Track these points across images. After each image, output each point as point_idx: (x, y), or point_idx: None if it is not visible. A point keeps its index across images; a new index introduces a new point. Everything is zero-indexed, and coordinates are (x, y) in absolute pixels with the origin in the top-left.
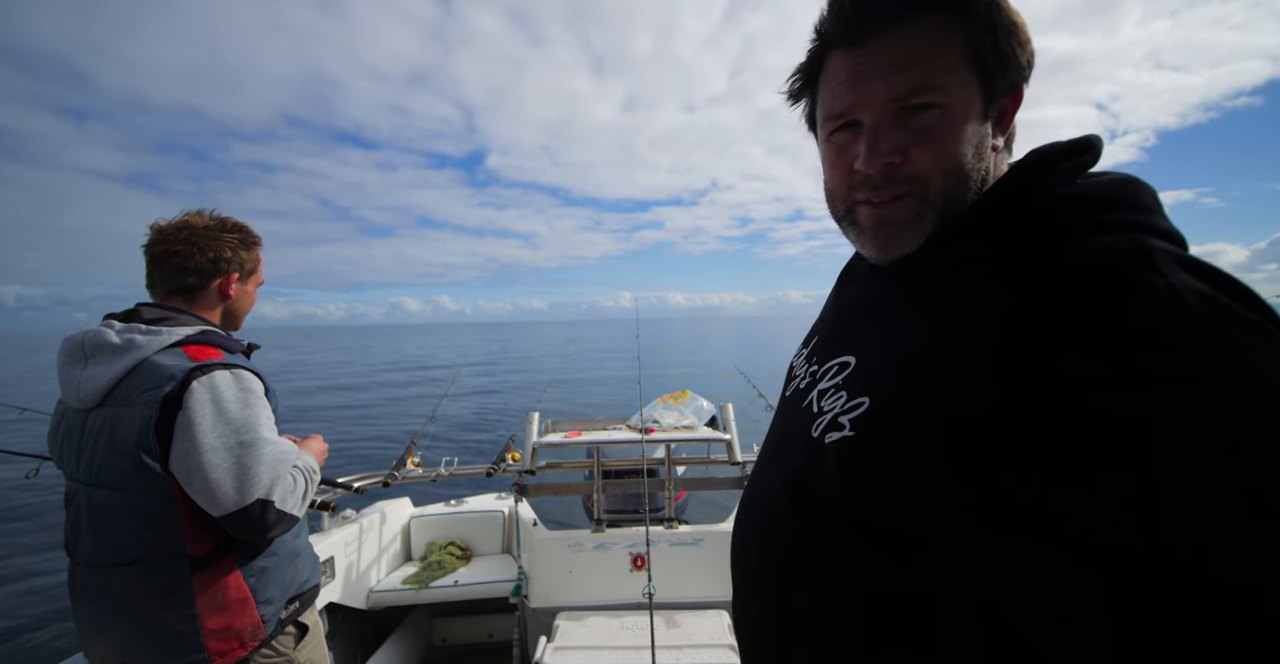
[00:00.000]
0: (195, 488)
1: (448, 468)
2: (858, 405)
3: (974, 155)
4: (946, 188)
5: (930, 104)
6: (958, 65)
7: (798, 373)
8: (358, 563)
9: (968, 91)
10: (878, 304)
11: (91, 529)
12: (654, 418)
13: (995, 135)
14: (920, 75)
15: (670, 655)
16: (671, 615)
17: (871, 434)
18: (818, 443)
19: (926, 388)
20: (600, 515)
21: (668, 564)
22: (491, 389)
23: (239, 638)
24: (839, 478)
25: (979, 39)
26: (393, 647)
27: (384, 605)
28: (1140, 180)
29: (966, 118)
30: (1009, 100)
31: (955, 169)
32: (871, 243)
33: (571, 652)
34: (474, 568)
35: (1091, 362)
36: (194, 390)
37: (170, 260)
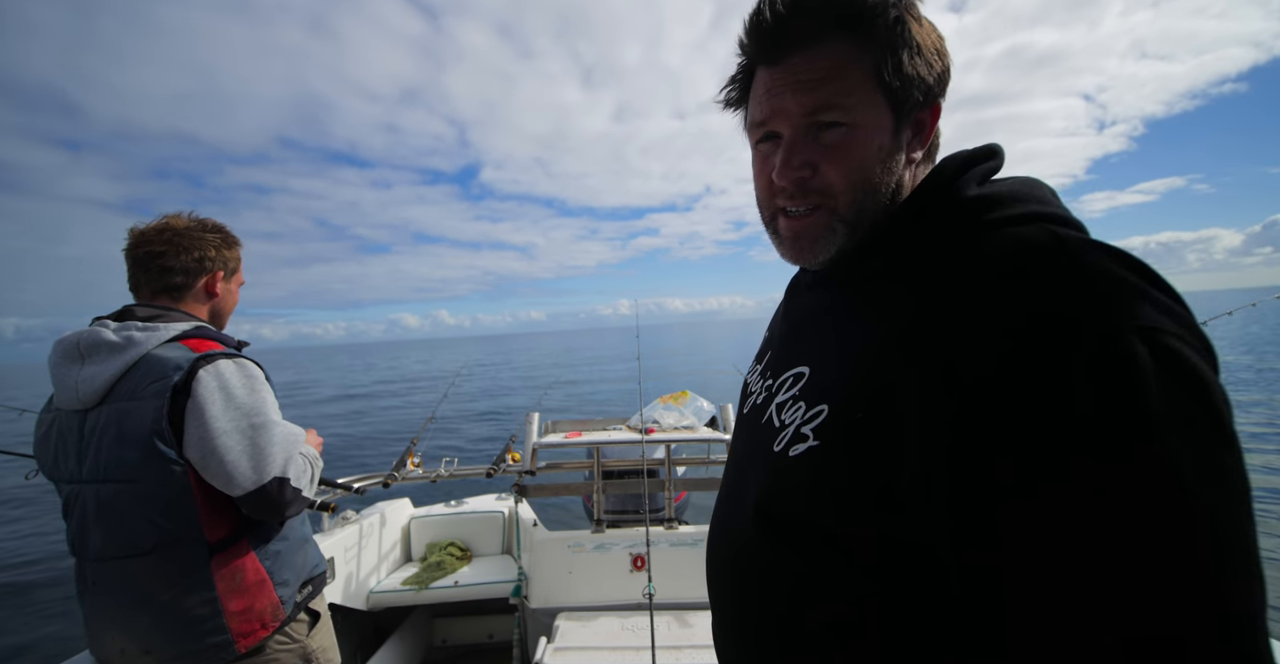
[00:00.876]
0: (212, 471)
1: (448, 468)
2: (818, 414)
3: (882, 169)
4: (855, 201)
5: (837, 122)
6: (864, 84)
7: (753, 389)
8: (358, 564)
9: (874, 109)
10: (824, 314)
11: (102, 524)
12: (654, 418)
13: (913, 148)
14: (827, 94)
15: (670, 656)
16: (671, 616)
17: (836, 441)
18: (781, 457)
19: (875, 389)
20: (600, 516)
21: (668, 564)
22: (492, 391)
23: (260, 619)
24: (810, 490)
25: (883, 60)
26: (393, 647)
27: (384, 606)
28: (1039, 179)
29: (873, 134)
30: (926, 114)
31: (862, 182)
32: (790, 252)
33: (571, 652)
34: (474, 568)
35: (1017, 345)
36: (201, 378)
37: (155, 261)
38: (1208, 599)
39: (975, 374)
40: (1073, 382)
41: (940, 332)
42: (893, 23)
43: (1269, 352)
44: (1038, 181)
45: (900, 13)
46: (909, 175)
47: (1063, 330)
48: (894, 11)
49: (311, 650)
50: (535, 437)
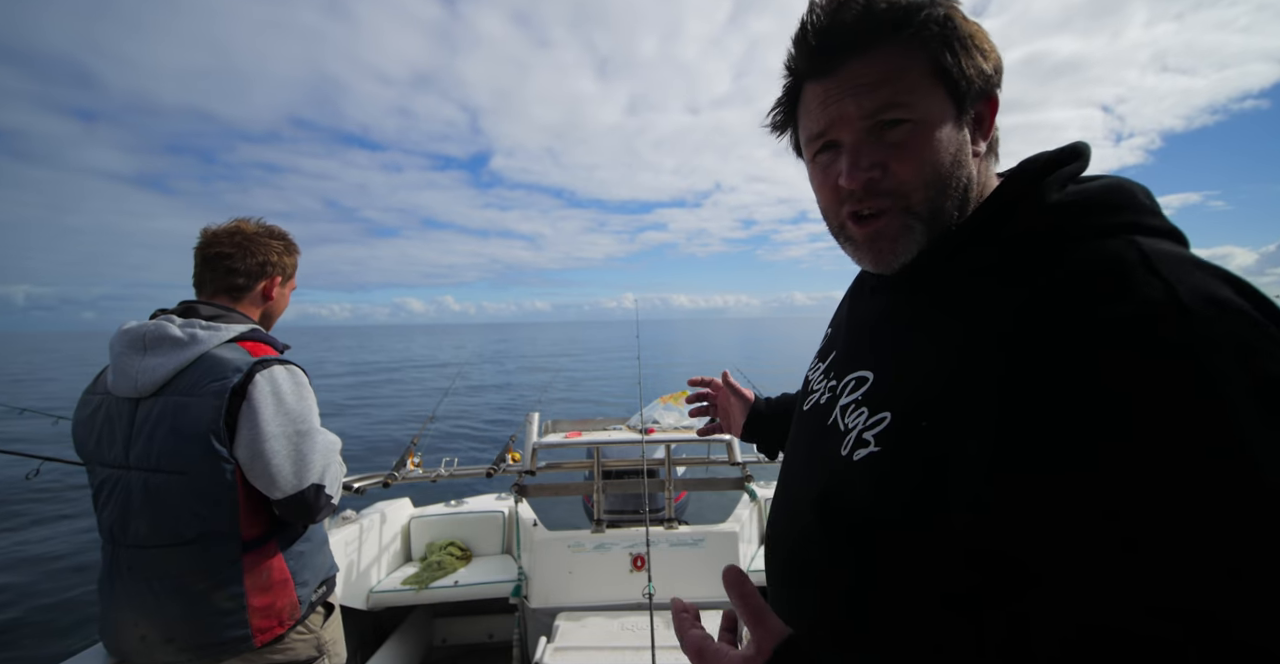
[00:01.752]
0: (257, 472)
1: (448, 468)
2: (880, 420)
3: (952, 163)
4: (929, 197)
5: (901, 119)
6: (922, 80)
7: (815, 387)
8: (358, 563)
9: (936, 103)
10: (891, 318)
11: (148, 511)
12: (654, 418)
13: (976, 142)
14: (887, 94)
15: (670, 656)
16: (671, 616)
17: (896, 448)
18: (846, 461)
19: (945, 398)
20: (600, 516)
21: (668, 565)
22: (493, 389)
23: (279, 617)
24: (872, 495)
25: (938, 54)
26: (393, 647)
27: (384, 606)
28: (1132, 181)
29: (939, 128)
30: (984, 106)
31: (935, 178)
32: (869, 257)
33: (571, 652)
34: (474, 568)
35: (1093, 364)
36: (257, 382)
37: (223, 262)
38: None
39: (1044, 398)
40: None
41: (1011, 351)
42: (942, 19)
43: None
44: (1127, 185)
45: (946, 9)
46: (975, 170)
47: (1146, 355)
48: (940, 9)
49: (325, 641)
50: (535, 436)
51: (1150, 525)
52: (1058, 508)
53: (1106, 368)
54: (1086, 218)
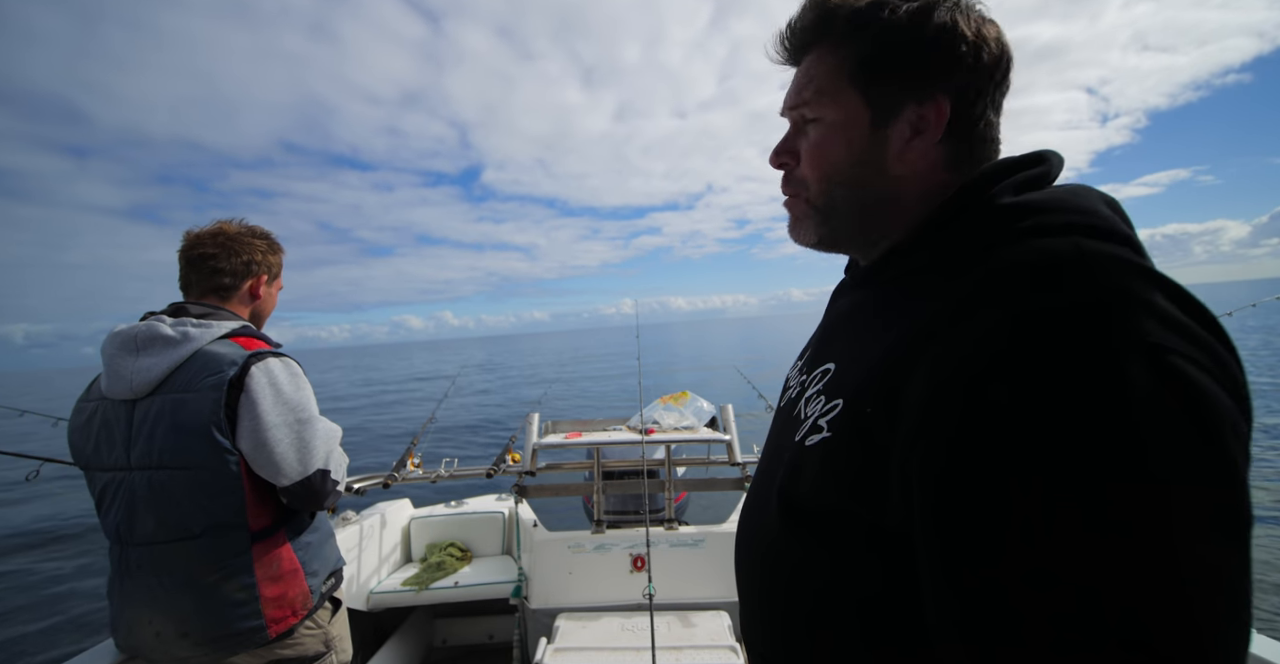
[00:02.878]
0: (262, 462)
1: (448, 469)
2: (833, 407)
3: (854, 164)
4: (824, 192)
5: (813, 118)
6: (835, 83)
7: (790, 384)
8: (358, 564)
9: (847, 106)
10: (854, 313)
11: (153, 508)
12: (654, 419)
13: (914, 142)
14: (808, 93)
15: (670, 656)
16: (672, 616)
17: (845, 433)
18: (799, 447)
19: (883, 387)
20: (600, 516)
21: (668, 565)
22: (492, 392)
23: (291, 606)
24: (820, 478)
25: (858, 57)
26: (393, 648)
27: (384, 607)
28: (1091, 188)
29: (842, 130)
30: (927, 109)
31: (831, 176)
32: (789, 227)
33: (572, 653)
34: (474, 569)
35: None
36: (253, 374)
37: (207, 262)
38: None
39: (967, 387)
40: (1059, 403)
41: (941, 342)
42: (860, 25)
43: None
44: (1087, 191)
45: (894, 11)
46: (913, 170)
47: (1059, 348)
48: (882, 12)
49: (332, 636)
50: (535, 437)
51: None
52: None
53: (1017, 369)
54: (1034, 218)
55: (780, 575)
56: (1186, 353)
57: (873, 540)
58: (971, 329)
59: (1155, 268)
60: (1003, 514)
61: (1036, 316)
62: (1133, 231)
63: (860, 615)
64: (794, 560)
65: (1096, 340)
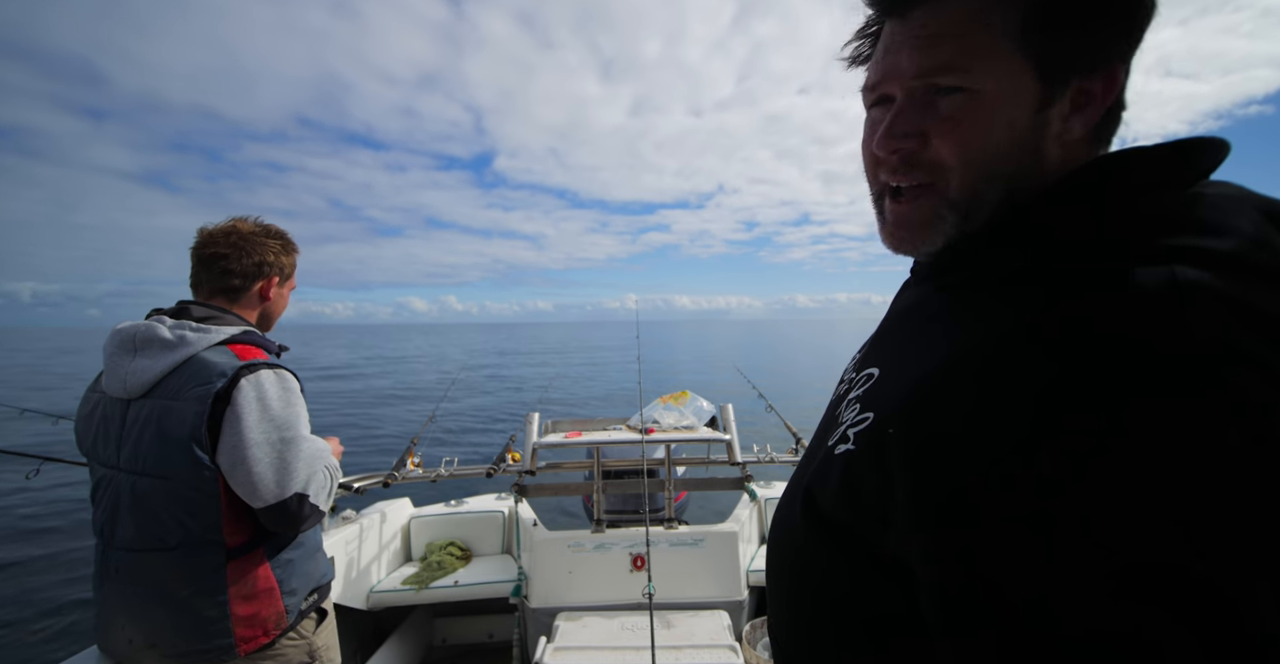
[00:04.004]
0: (239, 480)
1: (448, 468)
2: (864, 419)
3: (1012, 149)
4: (969, 183)
5: (957, 87)
6: (995, 43)
7: (844, 379)
8: (358, 563)
9: (1009, 74)
10: (911, 314)
11: (134, 514)
12: (654, 418)
13: (1071, 125)
14: (947, 54)
15: (670, 656)
16: (671, 616)
17: (866, 450)
18: (829, 452)
19: (920, 410)
20: (600, 516)
21: (668, 565)
22: (493, 390)
23: (263, 626)
24: (837, 493)
25: (1021, 15)
26: (393, 647)
27: (384, 606)
28: (1250, 198)
29: (1003, 104)
30: (1095, 82)
31: (982, 163)
32: (889, 239)
33: (571, 652)
34: (474, 568)
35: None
36: (242, 387)
37: (218, 262)
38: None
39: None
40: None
41: (968, 385)
42: None
43: None
44: (1238, 201)
45: None
46: (1059, 158)
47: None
48: None
49: (317, 647)
50: (535, 436)
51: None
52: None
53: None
54: (1150, 235)
55: (807, 580)
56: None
57: (876, 558)
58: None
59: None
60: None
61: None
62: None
63: (870, 634)
64: (817, 566)
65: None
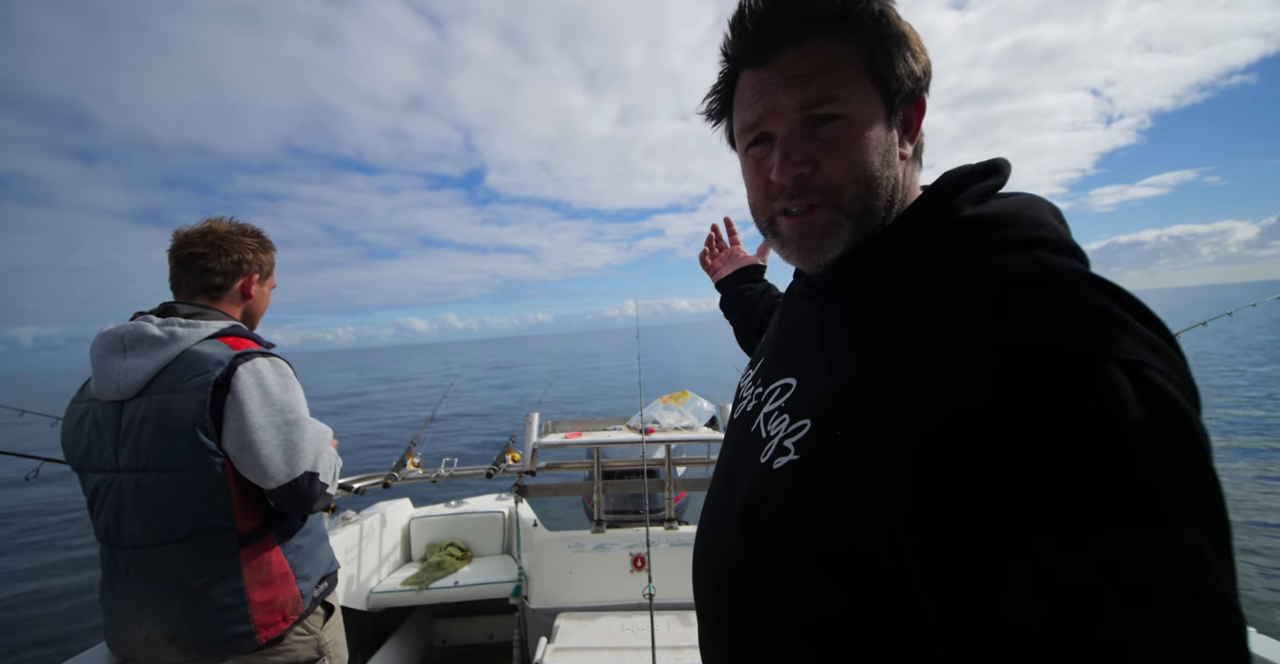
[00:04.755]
0: (248, 464)
1: (448, 469)
2: (800, 428)
3: (882, 163)
4: (858, 195)
5: (834, 115)
6: (856, 76)
7: (744, 395)
8: (358, 564)
9: (869, 101)
10: (814, 323)
11: (140, 511)
12: (654, 418)
13: (903, 144)
14: (822, 87)
15: (670, 656)
16: (672, 616)
17: (815, 456)
18: (766, 469)
19: (857, 407)
20: (600, 516)
21: (668, 565)
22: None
23: (281, 611)
24: (791, 503)
25: (873, 50)
26: (393, 647)
27: (384, 606)
28: (1041, 199)
29: (871, 127)
30: (912, 109)
31: (865, 177)
32: (796, 253)
33: (572, 652)
34: (474, 569)
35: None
36: (240, 374)
37: (197, 262)
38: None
39: (950, 411)
40: (1049, 416)
41: (919, 363)
42: (877, 14)
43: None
44: (1038, 202)
45: (881, 6)
46: (901, 175)
47: (1039, 363)
48: (876, 5)
49: (325, 643)
50: (535, 437)
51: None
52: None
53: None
54: (996, 231)
55: (738, 587)
56: (1160, 368)
57: (841, 564)
58: (959, 366)
59: (1107, 279)
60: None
61: (1024, 354)
62: (1072, 238)
63: (822, 635)
64: (753, 575)
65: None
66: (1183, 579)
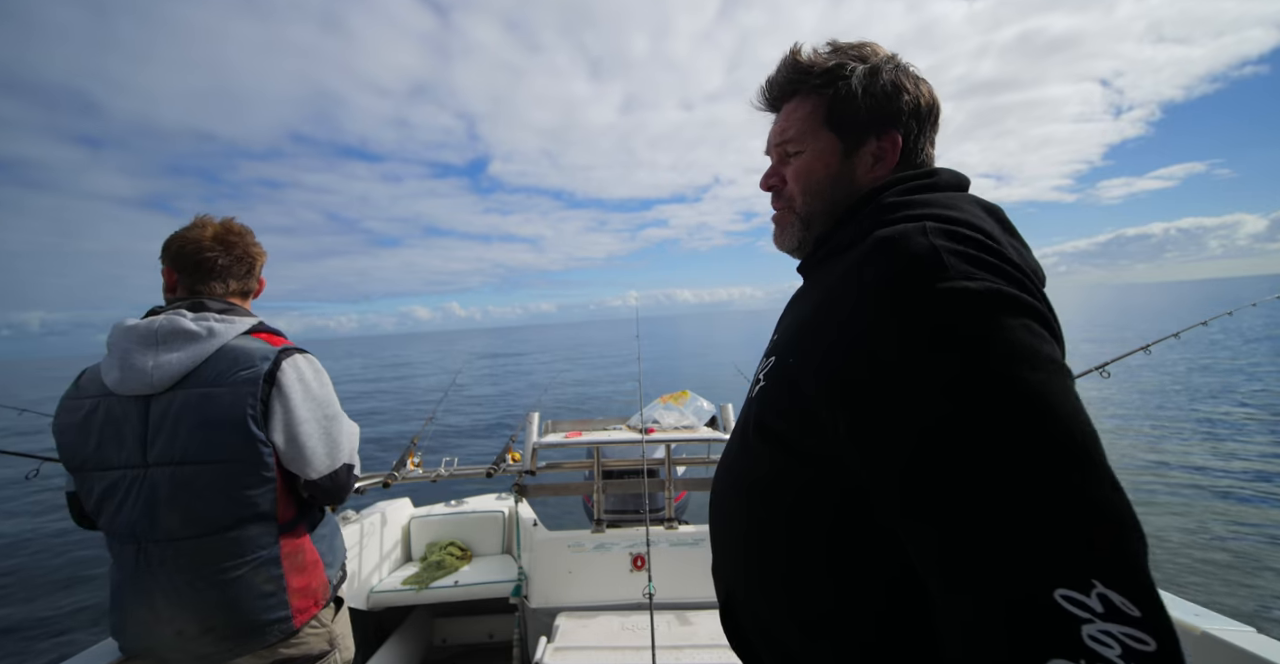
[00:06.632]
0: (293, 456)
1: (448, 468)
2: (769, 364)
3: (831, 184)
4: (806, 203)
5: (799, 151)
6: (813, 124)
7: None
8: (358, 563)
9: (823, 141)
10: (796, 297)
11: (178, 504)
12: (654, 418)
13: (876, 169)
14: (790, 132)
15: (671, 656)
16: (672, 615)
17: (774, 380)
18: (749, 399)
19: (803, 342)
20: (600, 516)
21: (668, 564)
22: (492, 390)
23: (314, 597)
24: (762, 414)
25: (830, 107)
26: (393, 647)
27: (384, 606)
28: (972, 196)
29: (820, 157)
30: (884, 142)
31: (813, 193)
32: (775, 239)
33: (572, 652)
34: (474, 568)
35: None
36: (285, 369)
37: (215, 263)
38: (1057, 461)
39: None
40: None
41: (827, 305)
42: (833, 81)
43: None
44: (963, 196)
45: (852, 72)
46: (871, 184)
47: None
48: (847, 72)
49: (336, 635)
50: (535, 436)
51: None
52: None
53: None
54: (904, 211)
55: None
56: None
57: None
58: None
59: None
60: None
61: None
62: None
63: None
64: (761, 477)
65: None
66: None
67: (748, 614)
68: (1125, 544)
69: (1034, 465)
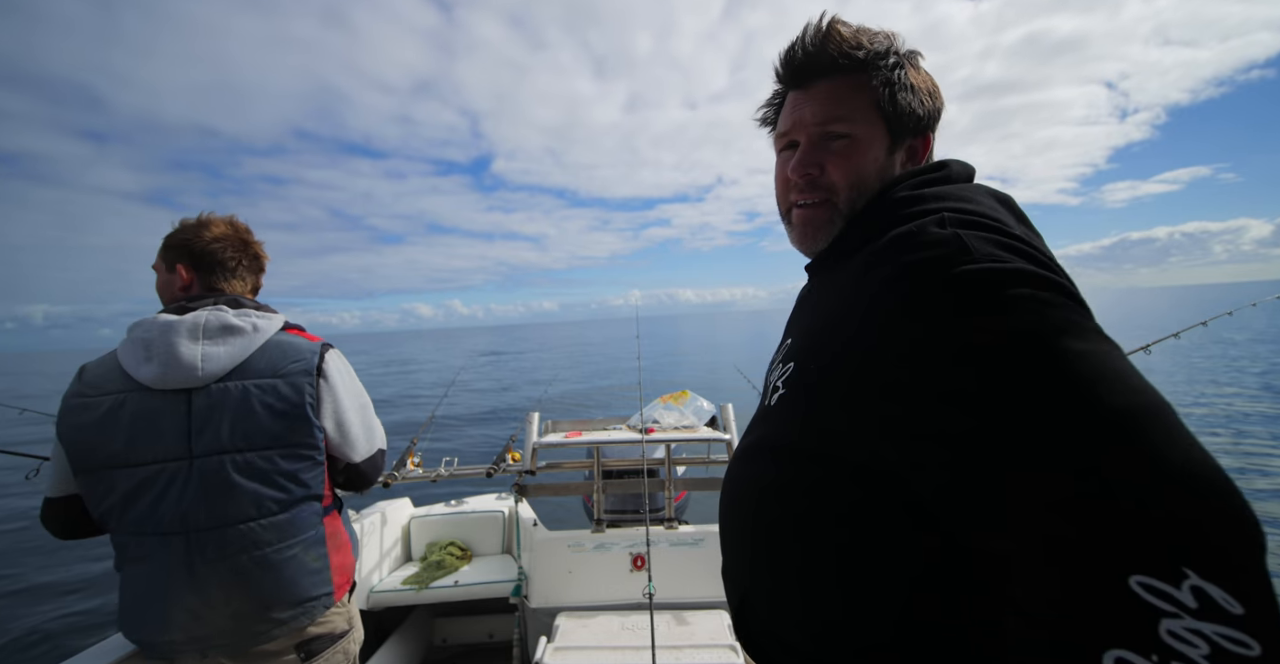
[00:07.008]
0: (339, 441)
1: (448, 468)
2: (787, 370)
3: (874, 177)
4: (850, 198)
5: (843, 133)
6: (865, 109)
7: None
8: (359, 563)
9: (873, 129)
10: (807, 295)
11: (227, 492)
12: (654, 418)
13: (907, 165)
14: (837, 110)
15: (671, 655)
16: (671, 615)
17: (794, 388)
18: (767, 408)
19: (823, 348)
20: (600, 515)
21: (668, 564)
22: (492, 389)
23: (347, 574)
24: (784, 426)
25: (881, 93)
26: (393, 647)
27: (384, 606)
28: (983, 186)
29: (870, 147)
30: (918, 142)
31: (857, 183)
32: (797, 237)
33: (572, 652)
34: (474, 568)
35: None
36: (329, 361)
37: (234, 261)
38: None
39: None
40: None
41: (849, 308)
42: (891, 67)
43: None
44: (974, 188)
45: (900, 60)
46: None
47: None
48: (894, 59)
49: (353, 614)
50: (535, 436)
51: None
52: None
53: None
54: (917, 206)
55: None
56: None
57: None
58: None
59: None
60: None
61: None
62: (1012, 212)
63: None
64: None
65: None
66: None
67: (761, 619)
68: (1231, 528)
69: (1111, 436)
